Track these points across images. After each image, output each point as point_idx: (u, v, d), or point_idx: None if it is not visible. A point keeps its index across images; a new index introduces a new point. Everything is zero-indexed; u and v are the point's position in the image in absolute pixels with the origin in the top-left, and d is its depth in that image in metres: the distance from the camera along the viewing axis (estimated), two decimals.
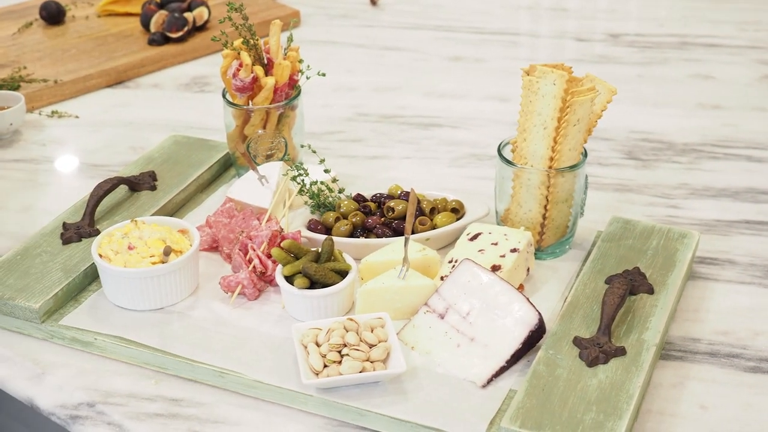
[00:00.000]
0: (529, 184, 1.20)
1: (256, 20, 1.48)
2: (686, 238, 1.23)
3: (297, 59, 1.39)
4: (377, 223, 1.26)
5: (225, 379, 1.05)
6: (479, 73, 1.89)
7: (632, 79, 1.83)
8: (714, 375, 1.07)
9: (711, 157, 1.54)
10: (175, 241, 1.18)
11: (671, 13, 2.17)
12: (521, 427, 0.94)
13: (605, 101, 1.20)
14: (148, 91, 1.82)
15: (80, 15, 2.09)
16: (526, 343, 1.05)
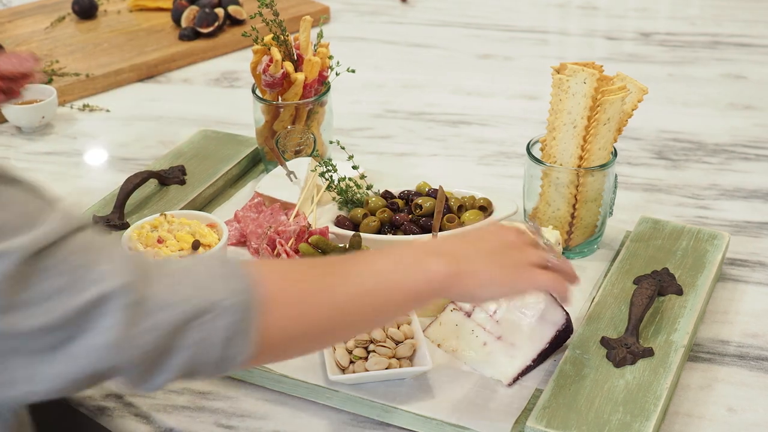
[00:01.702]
0: (558, 183, 1.20)
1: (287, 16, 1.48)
2: (716, 240, 1.22)
3: (327, 55, 1.39)
4: (405, 219, 1.26)
5: (252, 374, 1.06)
6: (508, 70, 1.89)
7: (663, 79, 1.82)
8: (743, 377, 1.07)
9: (742, 158, 1.53)
10: (204, 235, 1.18)
11: (703, 12, 2.15)
12: (547, 427, 0.94)
13: (636, 100, 1.20)
14: (179, 85, 1.83)
15: (112, 10, 2.11)
16: (553, 343, 1.05)
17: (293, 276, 0.80)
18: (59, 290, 0.68)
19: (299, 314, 0.79)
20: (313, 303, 0.79)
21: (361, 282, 0.82)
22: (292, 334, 0.79)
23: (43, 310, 0.67)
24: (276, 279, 0.79)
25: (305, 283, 0.80)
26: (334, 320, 0.81)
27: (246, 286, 0.75)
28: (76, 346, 0.68)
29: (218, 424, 1.01)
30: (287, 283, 0.79)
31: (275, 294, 0.77)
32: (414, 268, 0.84)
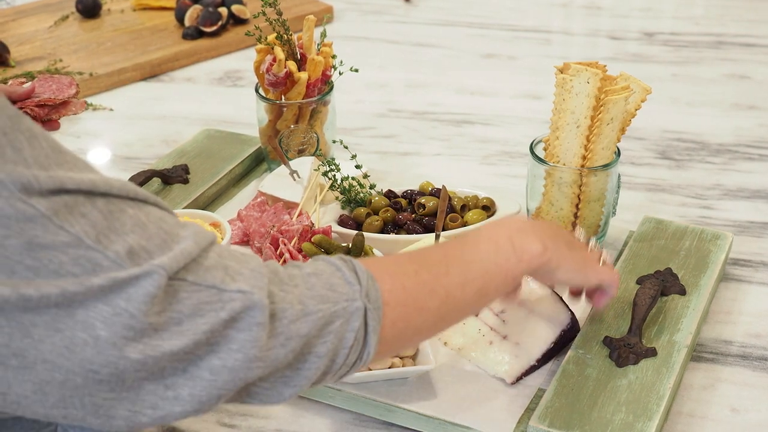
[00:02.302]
0: (561, 183, 1.20)
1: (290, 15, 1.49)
2: (720, 240, 1.22)
3: (330, 55, 1.39)
4: (408, 219, 1.26)
5: None
6: (512, 70, 1.89)
7: (667, 79, 1.82)
8: (746, 378, 1.06)
9: (746, 158, 1.53)
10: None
11: (707, 11, 2.15)
12: (550, 427, 0.94)
13: (639, 100, 1.20)
14: (182, 84, 1.83)
15: (116, 9, 2.11)
16: (557, 343, 1.05)
17: (400, 274, 0.81)
18: (198, 309, 0.66)
19: (410, 312, 0.80)
20: (421, 300, 0.81)
21: (464, 271, 0.84)
22: (404, 332, 0.80)
23: (185, 330, 0.66)
24: (386, 279, 0.79)
25: (412, 280, 0.81)
26: (441, 312, 0.82)
27: (367, 289, 0.76)
28: (214, 364, 0.67)
29: (221, 423, 1.01)
30: (396, 282, 0.79)
31: (386, 296, 0.78)
32: (511, 250, 0.87)
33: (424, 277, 0.81)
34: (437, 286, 0.82)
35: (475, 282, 0.84)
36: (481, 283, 0.85)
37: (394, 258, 0.88)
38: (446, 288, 0.82)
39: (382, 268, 0.81)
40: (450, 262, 0.84)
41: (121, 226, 0.65)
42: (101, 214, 0.64)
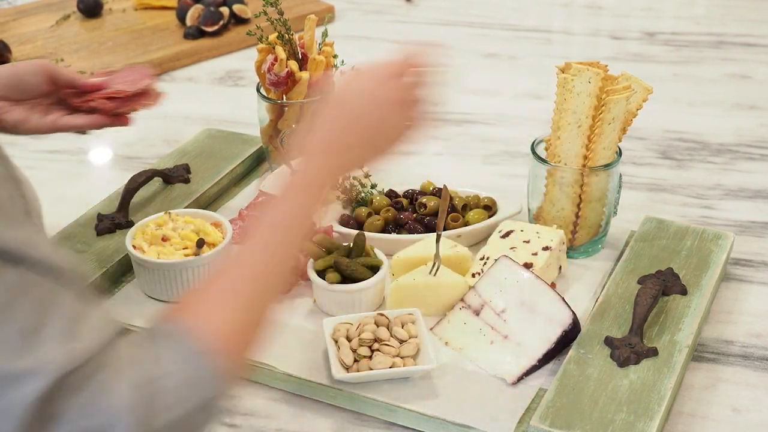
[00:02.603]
0: (563, 183, 1.20)
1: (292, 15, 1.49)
2: (721, 239, 1.22)
3: (331, 54, 1.39)
4: (409, 219, 1.26)
5: (256, 372, 1.06)
6: (513, 70, 1.89)
7: (668, 78, 1.82)
8: (747, 378, 1.06)
9: (747, 158, 1.53)
10: (208, 233, 1.19)
11: (708, 11, 2.15)
12: (551, 426, 0.94)
13: (641, 100, 1.20)
14: (183, 84, 1.83)
15: (117, 8, 2.11)
16: (559, 343, 1.05)
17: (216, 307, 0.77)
18: (77, 418, 0.62)
19: (238, 333, 0.77)
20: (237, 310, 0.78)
21: (272, 254, 0.81)
22: (243, 346, 0.78)
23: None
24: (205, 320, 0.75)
25: (239, 323, 0.77)
26: (263, 302, 0.80)
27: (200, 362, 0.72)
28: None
29: (222, 423, 1.01)
30: (216, 318, 0.76)
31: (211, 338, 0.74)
32: (303, 197, 0.85)
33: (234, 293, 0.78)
34: (259, 303, 0.79)
35: (286, 254, 0.83)
36: (293, 246, 0.84)
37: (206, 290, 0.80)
38: (262, 284, 0.80)
39: (197, 307, 0.76)
40: (254, 250, 0.81)
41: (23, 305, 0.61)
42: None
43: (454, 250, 1.17)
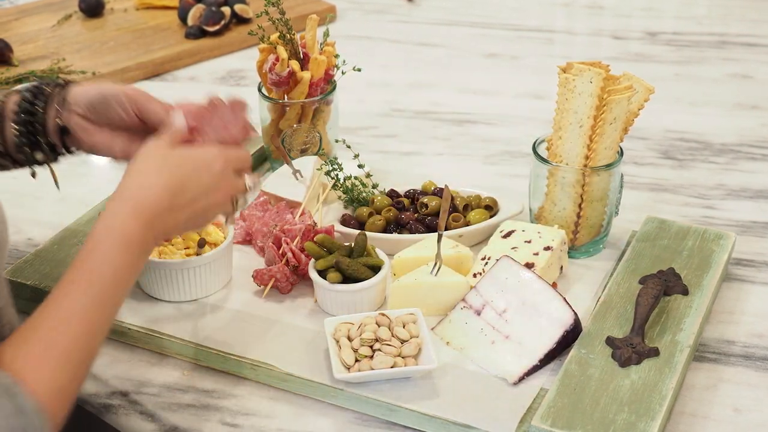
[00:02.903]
0: (564, 183, 1.20)
1: (293, 15, 1.49)
2: (722, 240, 1.22)
3: (333, 54, 1.39)
4: (410, 218, 1.26)
5: (257, 372, 1.06)
6: (514, 70, 1.88)
7: (669, 78, 1.82)
8: (748, 378, 1.06)
9: (749, 158, 1.53)
10: (210, 233, 1.19)
11: (710, 11, 2.15)
12: (552, 426, 0.94)
13: (642, 100, 1.20)
14: (185, 84, 1.84)
15: (119, 8, 2.11)
16: (560, 343, 1.05)
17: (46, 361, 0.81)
18: None
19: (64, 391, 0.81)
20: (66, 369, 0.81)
21: (102, 311, 0.85)
22: (67, 405, 0.82)
23: None
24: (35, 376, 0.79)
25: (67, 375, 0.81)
26: (90, 360, 0.85)
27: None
28: None
29: (223, 423, 1.01)
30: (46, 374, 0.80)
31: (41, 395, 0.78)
32: (135, 263, 0.88)
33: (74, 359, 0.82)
34: (87, 361, 0.84)
35: (105, 305, 0.86)
36: (113, 299, 0.87)
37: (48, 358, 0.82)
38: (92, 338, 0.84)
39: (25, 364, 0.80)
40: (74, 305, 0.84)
41: None
42: None
43: (456, 250, 1.17)
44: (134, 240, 0.87)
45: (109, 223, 0.88)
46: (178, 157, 0.94)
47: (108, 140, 1.04)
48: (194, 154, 0.94)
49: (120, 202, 0.89)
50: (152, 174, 0.91)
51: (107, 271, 0.85)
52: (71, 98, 1.02)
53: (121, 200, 0.90)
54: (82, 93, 1.02)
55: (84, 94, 1.02)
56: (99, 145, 1.04)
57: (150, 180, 0.91)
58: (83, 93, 1.02)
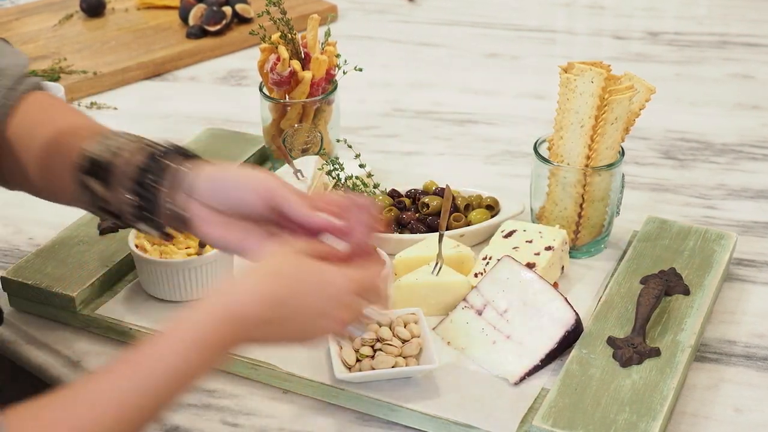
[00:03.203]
0: (565, 183, 1.20)
1: (294, 14, 1.49)
2: (723, 240, 1.22)
3: (334, 54, 1.39)
4: (412, 218, 1.26)
5: (258, 372, 1.06)
6: (515, 70, 1.89)
7: (670, 78, 1.82)
8: (749, 378, 1.06)
9: (750, 158, 1.53)
10: None
11: (711, 11, 2.15)
12: (553, 426, 0.94)
13: (643, 100, 1.20)
14: (186, 83, 1.84)
15: (120, 7, 2.11)
16: (561, 343, 1.05)
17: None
18: None
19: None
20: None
21: (139, 407, 0.74)
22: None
23: None
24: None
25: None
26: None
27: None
28: None
29: (224, 422, 1.01)
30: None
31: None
32: (200, 370, 0.78)
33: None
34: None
35: (155, 403, 0.76)
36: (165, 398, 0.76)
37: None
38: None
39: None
40: (124, 420, 0.74)
41: None
42: None
43: (457, 250, 1.17)
44: (208, 341, 0.77)
45: (191, 316, 0.78)
46: (295, 267, 0.82)
47: (235, 235, 0.89)
48: (314, 269, 0.82)
49: (213, 297, 0.80)
50: (258, 279, 0.80)
51: (165, 362, 0.75)
52: (191, 181, 0.88)
53: (214, 296, 0.80)
54: (205, 177, 0.88)
55: (208, 178, 0.88)
56: (222, 240, 0.89)
57: (251, 286, 0.80)
58: (207, 177, 0.88)
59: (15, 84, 0.99)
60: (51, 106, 1.00)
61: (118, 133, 0.94)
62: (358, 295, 0.84)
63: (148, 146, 0.91)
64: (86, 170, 0.91)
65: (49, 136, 0.96)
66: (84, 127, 0.97)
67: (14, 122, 0.98)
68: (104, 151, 0.91)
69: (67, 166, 0.92)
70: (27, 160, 0.97)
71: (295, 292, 0.81)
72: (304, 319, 0.82)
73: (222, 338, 0.78)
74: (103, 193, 0.90)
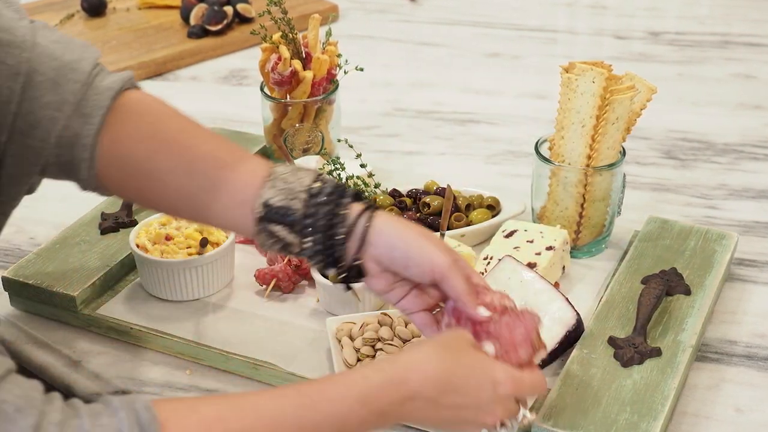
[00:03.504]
0: (566, 182, 1.20)
1: (295, 14, 1.49)
2: (725, 240, 1.21)
3: (335, 53, 1.39)
4: (413, 218, 1.26)
5: (259, 371, 1.06)
6: (516, 69, 1.88)
7: (672, 78, 1.82)
8: (750, 378, 1.06)
9: (751, 158, 1.53)
10: (212, 232, 1.19)
11: (713, 11, 2.15)
12: (554, 426, 0.94)
13: (645, 100, 1.20)
14: (187, 83, 1.84)
15: (121, 7, 2.11)
16: (562, 343, 1.05)
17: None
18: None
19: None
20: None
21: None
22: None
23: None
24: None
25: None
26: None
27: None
28: None
29: None
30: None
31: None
32: (356, 430, 0.80)
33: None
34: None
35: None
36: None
37: (206, 427, 0.74)
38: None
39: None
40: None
41: None
42: None
43: (458, 250, 1.17)
44: (373, 398, 0.79)
45: (365, 372, 0.81)
46: (471, 358, 0.84)
47: (394, 292, 0.91)
48: (488, 365, 0.84)
49: (393, 362, 0.82)
50: (435, 360, 0.82)
51: (331, 404, 0.78)
52: (373, 240, 0.88)
53: (395, 360, 0.83)
54: (385, 242, 0.88)
55: (385, 242, 0.88)
56: (379, 291, 0.91)
57: (430, 364, 0.82)
58: (384, 239, 0.88)
59: (88, 79, 0.90)
60: (158, 121, 0.93)
61: (283, 170, 0.90)
62: (514, 394, 0.86)
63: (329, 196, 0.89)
64: (268, 219, 0.88)
65: (179, 162, 0.92)
66: (226, 152, 0.93)
67: (115, 136, 0.90)
68: (283, 200, 0.88)
69: (229, 203, 0.90)
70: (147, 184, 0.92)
71: (467, 384, 0.83)
72: (466, 410, 0.83)
73: (388, 402, 0.80)
74: (288, 238, 0.89)
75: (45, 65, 0.88)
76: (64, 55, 0.90)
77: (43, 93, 0.88)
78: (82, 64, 0.91)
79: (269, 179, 0.89)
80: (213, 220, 0.94)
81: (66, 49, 0.91)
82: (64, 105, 0.88)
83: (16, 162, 0.90)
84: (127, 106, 0.92)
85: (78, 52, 0.92)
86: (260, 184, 0.89)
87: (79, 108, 0.89)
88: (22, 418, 0.67)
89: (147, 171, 0.91)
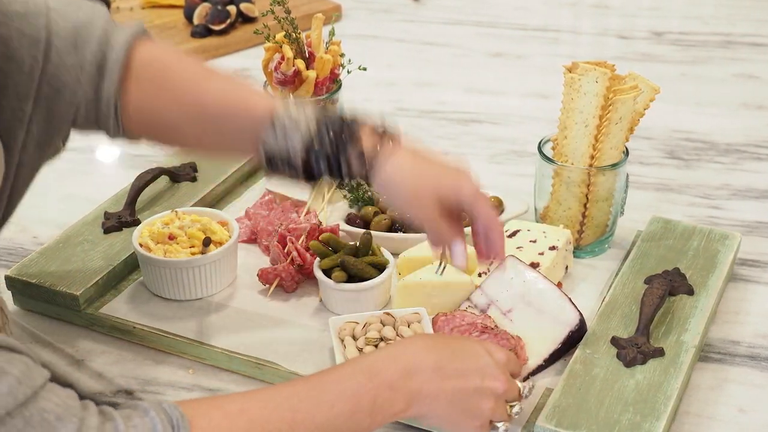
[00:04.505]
0: (569, 182, 1.20)
1: (299, 14, 1.49)
2: (728, 240, 1.21)
3: (338, 53, 1.39)
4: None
5: (262, 371, 1.06)
6: (520, 69, 1.88)
7: (675, 78, 1.81)
8: (753, 378, 1.06)
9: (754, 158, 1.52)
10: (215, 232, 1.19)
11: (716, 11, 2.15)
12: (557, 426, 0.94)
13: (648, 100, 1.20)
14: None
15: (125, 6, 2.11)
16: (565, 343, 1.05)
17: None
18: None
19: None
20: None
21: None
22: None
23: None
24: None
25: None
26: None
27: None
28: None
29: None
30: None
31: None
32: (372, 410, 0.83)
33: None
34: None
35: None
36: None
37: (231, 419, 0.79)
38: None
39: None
40: (296, 428, 0.80)
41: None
42: None
43: None
44: (380, 376, 0.84)
45: (366, 354, 0.91)
46: (460, 337, 0.99)
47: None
48: (476, 341, 0.95)
49: (385, 347, 0.92)
50: (426, 336, 0.97)
51: (341, 382, 0.84)
52: (380, 174, 0.97)
53: (385, 346, 0.92)
54: (390, 174, 0.97)
55: (392, 178, 0.97)
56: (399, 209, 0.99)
57: (421, 339, 0.92)
58: (392, 175, 0.97)
59: (104, 36, 0.94)
60: (169, 69, 0.98)
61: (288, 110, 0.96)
62: (508, 362, 0.93)
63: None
64: (274, 166, 0.97)
65: (190, 112, 0.98)
66: (233, 95, 0.98)
67: (131, 90, 0.96)
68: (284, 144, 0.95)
69: (239, 145, 0.98)
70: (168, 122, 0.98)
71: (463, 350, 0.90)
72: (472, 375, 0.88)
73: (394, 371, 0.85)
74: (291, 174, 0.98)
75: (61, 27, 0.92)
76: (78, 16, 0.94)
77: (63, 57, 0.92)
78: (94, 21, 0.95)
79: (272, 121, 0.95)
80: (232, 156, 1.11)
81: (78, 9, 0.95)
82: (84, 65, 0.93)
83: (42, 128, 0.93)
84: (139, 60, 0.96)
85: (88, 11, 0.96)
86: (262, 128, 0.95)
87: (99, 67, 0.94)
88: (63, 426, 0.70)
89: (164, 121, 0.98)
